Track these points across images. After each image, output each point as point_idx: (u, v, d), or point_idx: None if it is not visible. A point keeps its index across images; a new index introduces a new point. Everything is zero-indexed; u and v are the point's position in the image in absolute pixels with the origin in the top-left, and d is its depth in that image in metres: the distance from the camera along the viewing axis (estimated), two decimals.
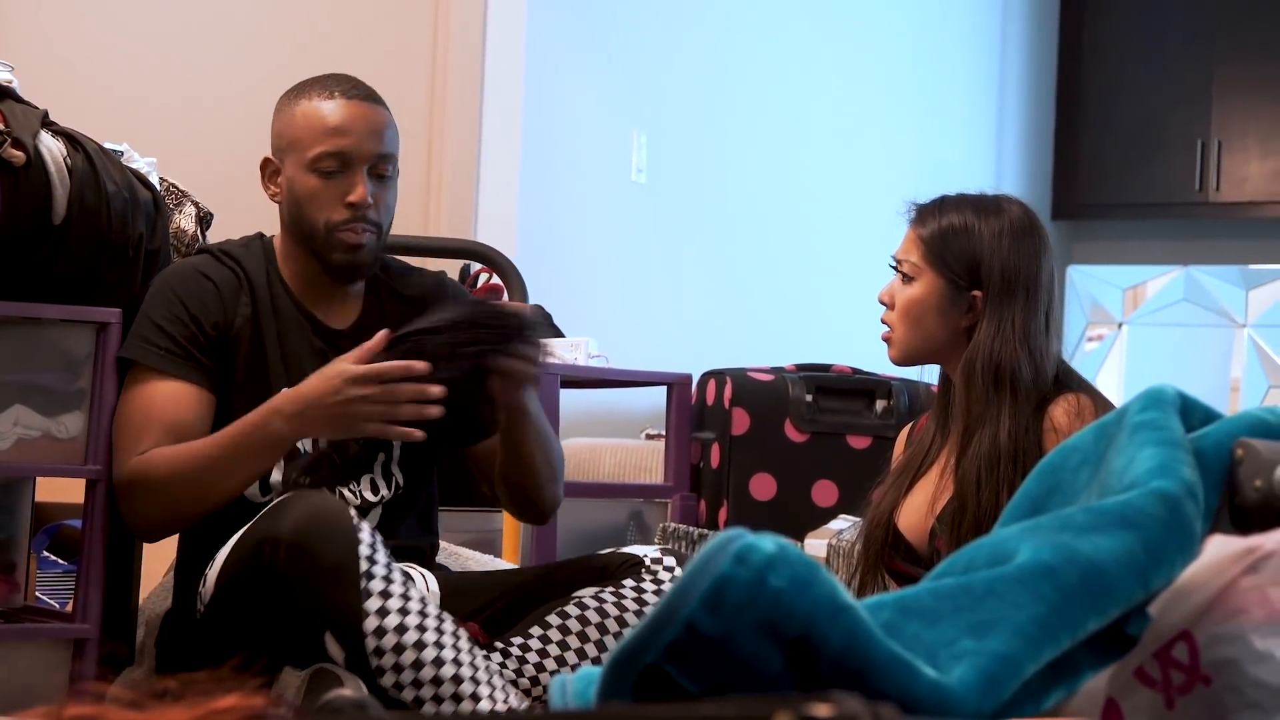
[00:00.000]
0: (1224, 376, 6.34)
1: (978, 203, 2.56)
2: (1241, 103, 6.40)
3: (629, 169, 4.54)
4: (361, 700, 1.24)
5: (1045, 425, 2.46)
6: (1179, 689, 1.28)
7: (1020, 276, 2.50)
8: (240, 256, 2.50)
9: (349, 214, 2.42)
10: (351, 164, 2.43)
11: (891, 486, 2.60)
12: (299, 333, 2.47)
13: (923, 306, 2.53)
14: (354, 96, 2.46)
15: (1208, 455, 1.42)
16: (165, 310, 2.42)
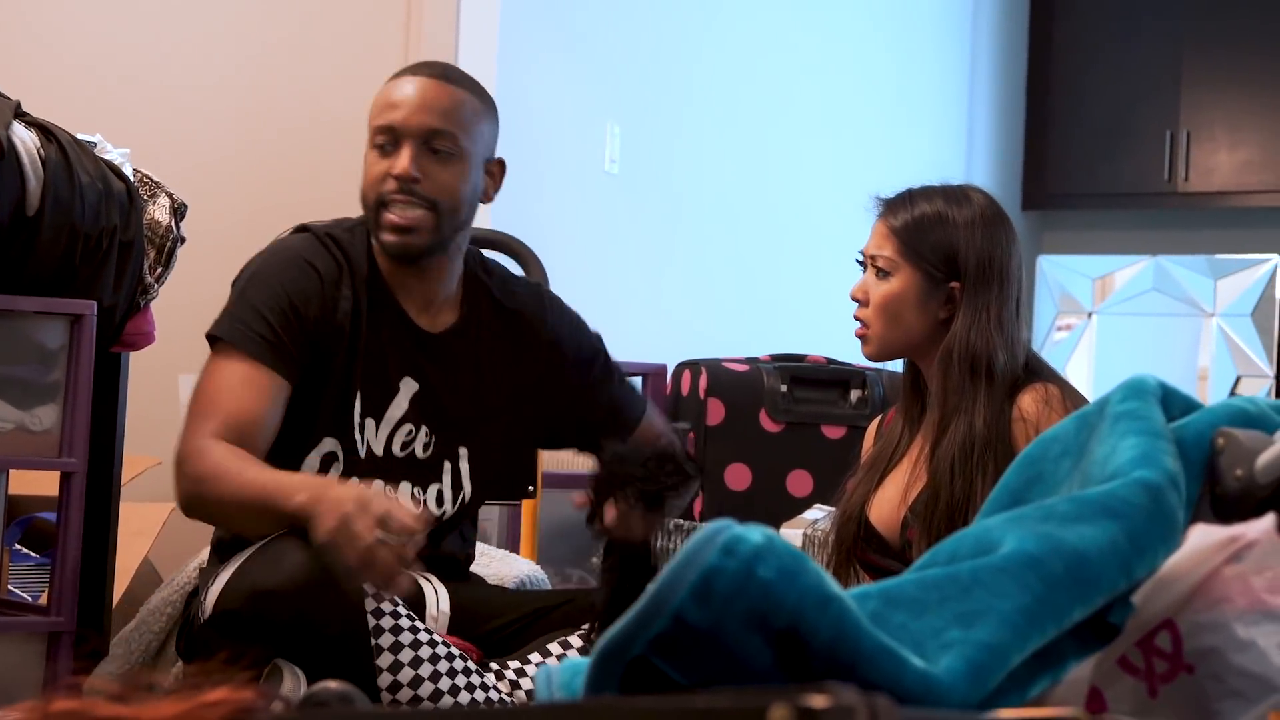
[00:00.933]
0: (1192, 366, 6.37)
1: (946, 193, 2.55)
2: (1210, 94, 6.42)
3: (602, 160, 4.54)
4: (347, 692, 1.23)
5: (1014, 414, 2.46)
6: (1162, 677, 1.28)
7: (994, 265, 2.49)
8: (345, 243, 2.40)
9: (392, 185, 2.34)
10: (400, 138, 2.36)
11: (862, 480, 2.60)
12: (390, 330, 2.39)
13: (901, 301, 2.50)
14: (423, 74, 2.40)
15: (1189, 445, 1.43)
16: (267, 297, 2.32)
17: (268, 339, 2.31)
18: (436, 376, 2.41)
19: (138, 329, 2.67)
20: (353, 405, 2.36)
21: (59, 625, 2.42)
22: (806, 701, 0.80)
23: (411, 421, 2.39)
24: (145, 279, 2.65)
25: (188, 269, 2.81)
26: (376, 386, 2.37)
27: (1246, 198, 6.43)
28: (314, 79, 3.95)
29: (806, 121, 5.31)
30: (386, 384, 2.38)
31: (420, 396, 2.40)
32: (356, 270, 2.38)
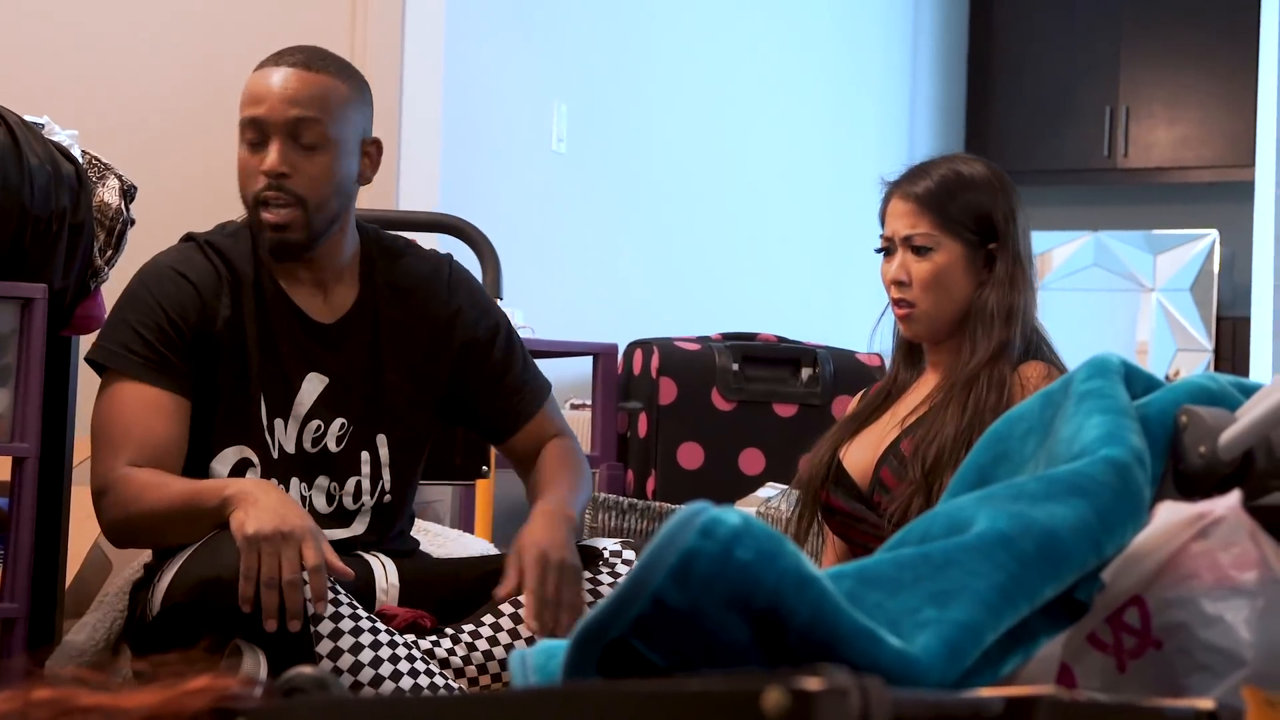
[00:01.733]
0: (1132, 340, 6.44)
1: (950, 158, 2.60)
2: (1149, 70, 6.48)
3: (549, 139, 4.53)
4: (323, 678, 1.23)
5: (1012, 381, 2.47)
6: (1130, 653, 1.30)
7: (1015, 221, 2.53)
8: (226, 249, 2.40)
9: (264, 182, 2.33)
10: (268, 132, 2.34)
11: (840, 428, 2.62)
12: (285, 328, 2.38)
13: (949, 274, 2.51)
14: (285, 64, 2.38)
15: (1152, 422, 1.44)
16: (142, 315, 2.33)
17: (152, 360, 2.32)
18: (339, 366, 2.40)
19: (88, 312, 2.65)
20: (258, 409, 2.35)
21: (12, 611, 2.40)
22: (800, 684, 0.81)
23: (320, 417, 2.38)
24: (95, 261, 2.63)
25: (138, 251, 2.78)
26: (277, 386, 2.37)
27: (1185, 173, 6.49)
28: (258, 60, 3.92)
29: (752, 100, 5.32)
30: (287, 383, 2.37)
31: (329, 390, 2.39)
32: (241, 275, 2.37)
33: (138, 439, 2.29)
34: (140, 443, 2.29)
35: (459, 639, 2.25)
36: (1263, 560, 1.27)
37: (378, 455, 2.43)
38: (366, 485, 2.42)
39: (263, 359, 2.37)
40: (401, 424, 2.44)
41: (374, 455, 2.42)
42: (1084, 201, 6.85)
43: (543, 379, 2.57)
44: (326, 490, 2.40)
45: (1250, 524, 1.29)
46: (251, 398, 2.36)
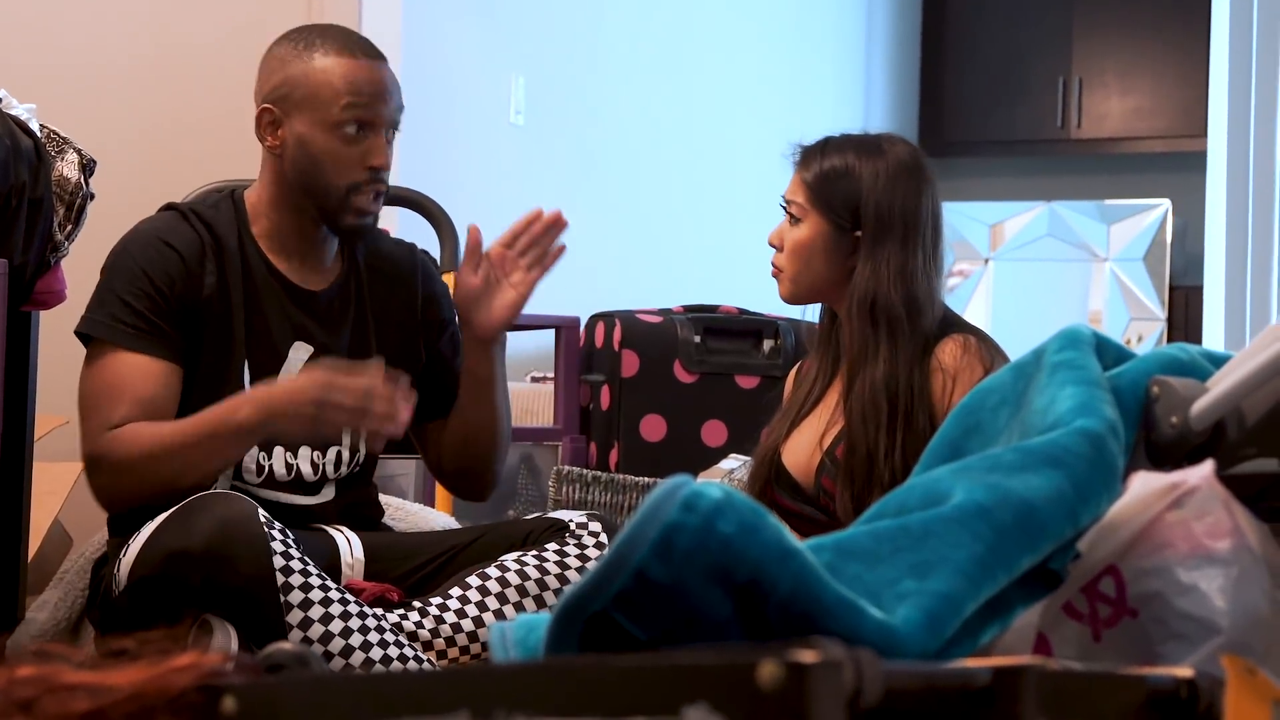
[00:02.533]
0: (1087, 310, 6.48)
1: (860, 143, 2.58)
2: (1101, 40, 6.51)
3: (507, 111, 4.52)
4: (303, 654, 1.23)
5: (932, 365, 2.50)
6: (1105, 622, 1.31)
7: (896, 214, 2.53)
8: (209, 218, 2.41)
9: (369, 176, 2.38)
10: (374, 126, 2.38)
11: (777, 424, 2.64)
12: (271, 297, 2.41)
13: (810, 248, 2.55)
14: (374, 57, 2.41)
15: (1124, 393, 1.46)
16: (129, 283, 2.35)
17: (142, 328, 2.33)
18: (325, 335, 2.43)
19: (48, 287, 2.63)
20: (243, 376, 2.37)
21: None
22: (794, 656, 0.81)
23: None
24: (55, 237, 2.60)
25: (98, 226, 2.76)
26: (264, 354, 2.39)
27: (1138, 143, 6.53)
28: (218, 31, 3.90)
29: (709, 71, 5.32)
30: (274, 351, 2.40)
31: (315, 360, 2.41)
32: (225, 243, 2.39)
33: (130, 402, 2.31)
34: (134, 403, 2.30)
35: (426, 612, 2.26)
36: (1236, 529, 1.29)
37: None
38: (346, 456, 2.46)
39: (249, 327, 2.39)
40: None
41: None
42: (1037, 172, 6.88)
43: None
44: (310, 458, 2.43)
45: (1224, 493, 1.31)
46: (237, 366, 2.37)
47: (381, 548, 2.41)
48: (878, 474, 2.45)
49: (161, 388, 2.33)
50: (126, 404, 2.30)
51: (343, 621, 2.13)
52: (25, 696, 1.01)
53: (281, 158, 2.40)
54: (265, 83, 2.42)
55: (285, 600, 2.11)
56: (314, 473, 2.42)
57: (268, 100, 2.41)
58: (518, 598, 2.29)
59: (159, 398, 2.32)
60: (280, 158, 2.40)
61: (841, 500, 2.48)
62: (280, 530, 2.15)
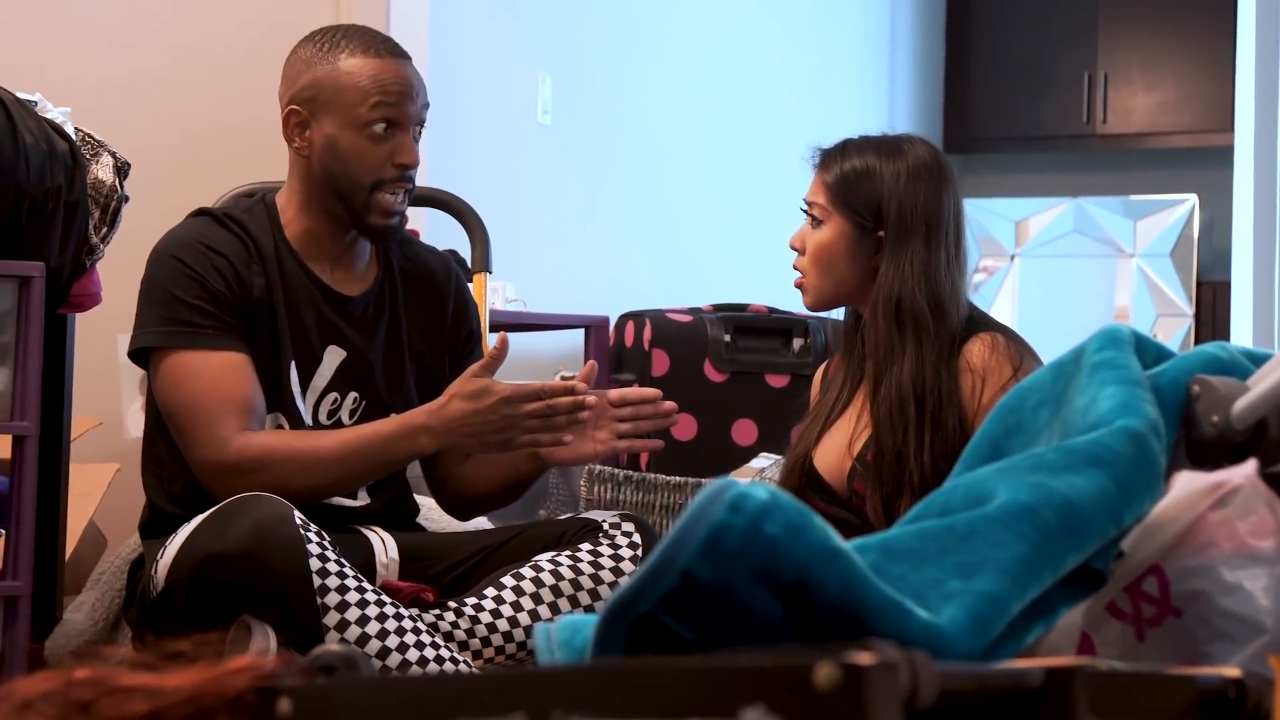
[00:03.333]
0: (1113, 306, 6.47)
1: (880, 144, 2.57)
2: (1127, 36, 6.49)
3: (535, 111, 4.53)
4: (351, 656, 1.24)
5: (960, 365, 2.49)
6: (1149, 621, 1.31)
7: (919, 214, 2.52)
8: (245, 221, 2.41)
9: (397, 174, 2.39)
10: (401, 125, 2.39)
11: (807, 429, 2.63)
12: (308, 301, 2.41)
13: (832, 250, 2.54)
14: (400, 56, 2.42)
15: (1164, 392, 1.46)
16: (187, 288, 2.33)
17: (216, 327, 2.32)
18: (360, 340, 2.44)
19: (84, 290, 2.65)
20: (289, 378, 2.38)
21: (15, 590, 2.40)
22: (851, 658, 0.82)
23: (337, 389, 2.42)
24: (91, 239, 2.63)
25: (133, 228, 2.78)
26: (305, 357, 2.40)
27: (1164, 139, 6.52)
28: (249, 35, 3.91)
29: (734, 70, 5.32)
30: (312, 354, 2.40)
31: (348, 363, 2.43)
32: (262, 247, 2.40)
33: (236, 403, 2.30)
34: (240, 406, 2.30)
35: (461, 612, 2.26)
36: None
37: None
38: None
39: (292, 329, 2.39)
40: (412, 402, 2.46)
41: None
42: (1063, 168, 6.87)
43: None
44: None
45: (1267, 492, 1.31)
46: (284, 367, 2.38)
47: (416, 548, 2.42)
48: (907, 475, 2.45)
49: (252, 382, 2.33)
50: (237, 410, 2.30)
51: (379, 623, 2.14)
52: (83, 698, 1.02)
53: (309, 159, 2.41)
54: (291, 84, 2.42)
55: (322, 602, 2.12)
56: None
57: (294, 102, 2.41)
58: (552, 598, 2.29)
59: (254, 394, 2.33)
60: (308, 159, 2.41)
61: (871, 502, 2.48)
62: (316, 532, 2.16)
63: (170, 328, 2.33)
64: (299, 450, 2.29)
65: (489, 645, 2.25)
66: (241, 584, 2.11)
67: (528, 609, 2.27)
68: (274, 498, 2.19)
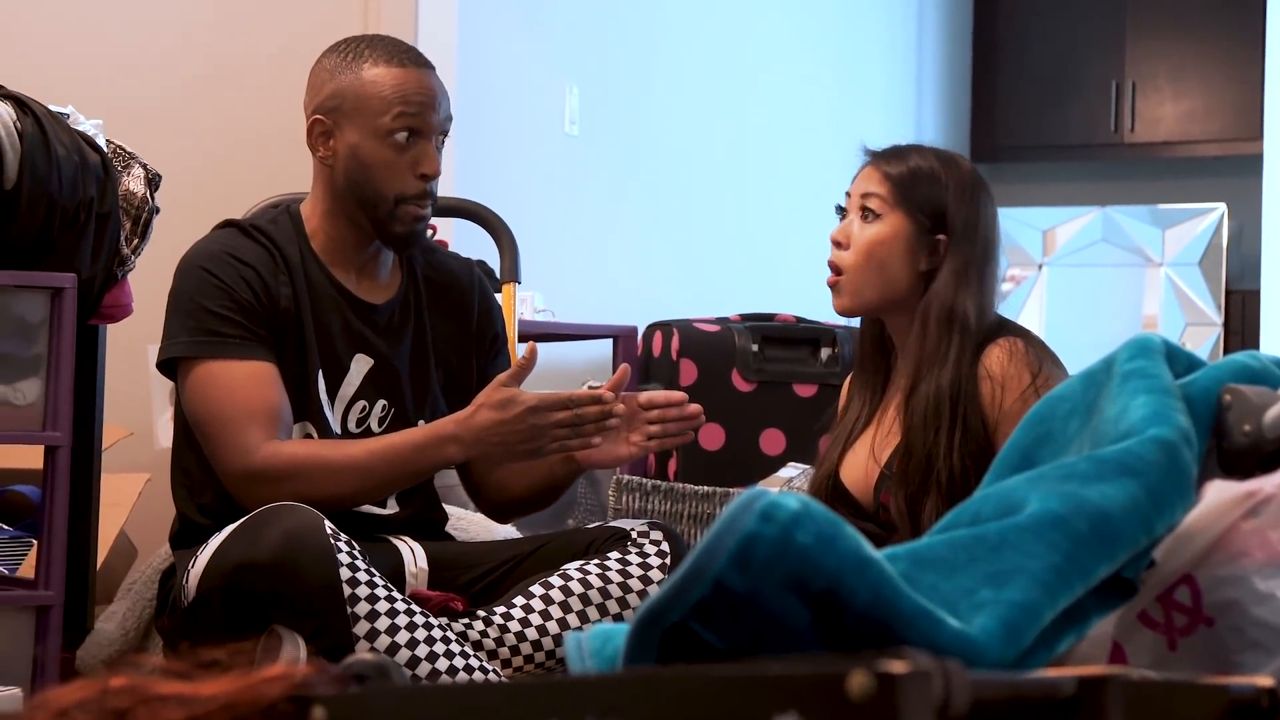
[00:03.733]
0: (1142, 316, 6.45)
1: (938, 154, 2.54)
2: (1154, 44, 6.48)
3: (562, 121, 4.54)
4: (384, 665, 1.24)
5: (980, 372, 2.47)
6: (1181, 631, 1.31)
7: (979, 230, 2.50)
8: (270, 232, 2.42)
9: (420, 185, 2.39)
10: (424, 134, 2.39)
11: (830, 448, 2.61)
12: (334, 309, 2.41)
13: (888, 247, 2.47)
14: (423, 65, 2.42)
15: (1195, 401, 1.46)
16: (215, 298, 2.34)
17: (244, 336, 2.33)
18: (386, 348, 2.44)
19: (115, 301, 2.67)
20: (316, 387, 2.39)
21: (48, 599, 2.42)
22: (885, 667, 0.82)
23: (365, 398, 2.43)
24: (122, 250, 2.64)
25: (163, 239, 2.80)
26: (332, 366, 2.40)
27: (1192, 147, 6.50)
28: (277, 47, 3.93)
29: (760, 81, 5.32)
30: (339, 363, 2.41)
31: (375, 371, 2.43)
32: (288, 257, 2.40)
33: (263, 412, 2.30)
34: (267, 415, 2.30)
35: (490, 621, 2.27)
36: None
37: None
38: None
39: (319, 339, 2.40)
40: (439, 409, 2.46)
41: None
42: (1091, 177, 6.86)
43: None
44: None
45: None
46: (311, 376, 2.38)
47: (445, 557, 2.42)
48: (935, 475, 2.44)
49: (278, 391, 2.33)
50: (264, 419, 2.30)
51: (409, 632, 2.15)
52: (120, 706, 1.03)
53: (333, 168, 2.41)
54: (315, 94, 2.43)
55: (352, 611, 2.12)
56: None
57: (319, 111, 2.42)
58: (581, 606, 2.29)
59: (281, 403, 2.33)
60: (332, 168, 2.41)
61: (895, 502, 2.47)
62: (346, 541, 2.16)
63: (197, 337, 2.33)
64: (327, 459, 2.30)
65: (518, 654, 2.25)
66: (272, 594, 2.12)
67: (556, 618, 2.28)
68: (304, 507, 2.20)
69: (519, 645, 2.25)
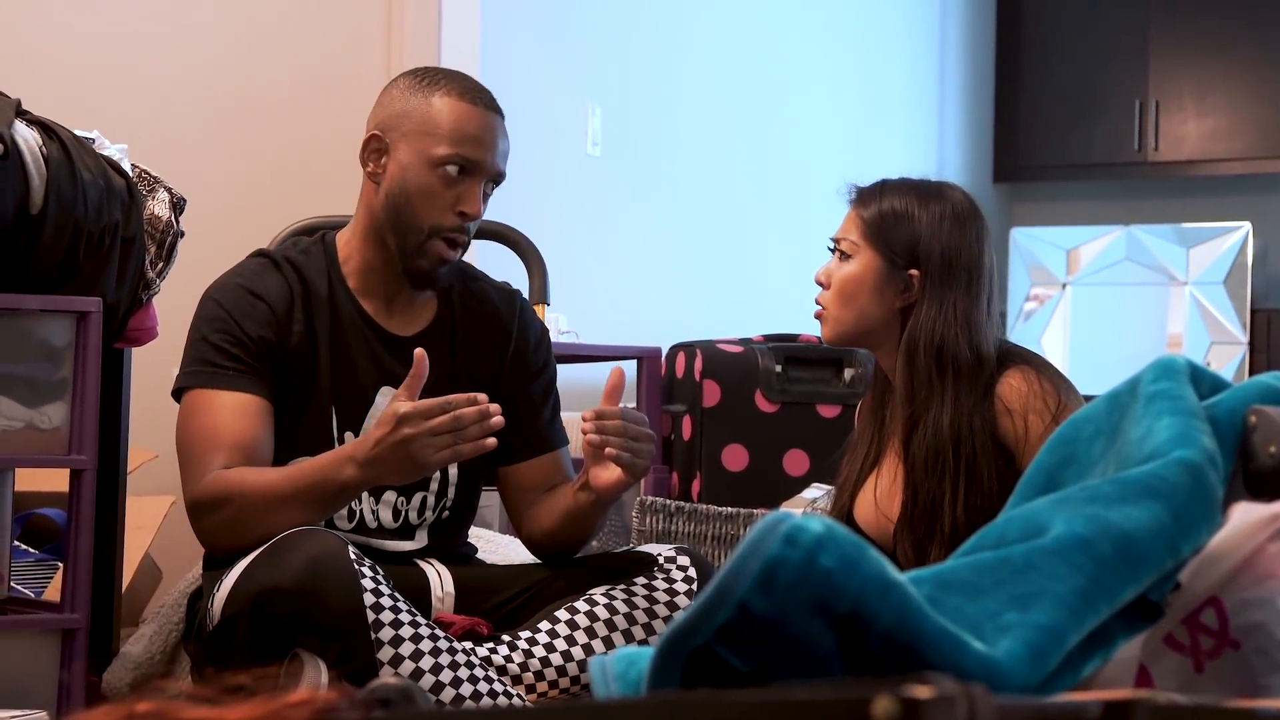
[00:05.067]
0: (1166, 335, 6.43)
1: (919, 188, 2.54)
2: (1177, 63, 6.46)
3: (584, 142, 4.55)
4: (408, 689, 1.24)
5: (997, 408, 2.45)
6: (1208, 654, 1.30)
7: (961, 259, 2.48)
8: (300, 264, 2.42)
9: (456, 221, 2.37)
10: (474, 174, 2.38)
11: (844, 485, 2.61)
12: (360, 343, 2.41)
13: (858, 284, 2.51)
14: (493, 109, 2.42)
15: (1221, 423, 1.45)
16: (217, 330, 2.35)
17: (235, 369, 2.33)
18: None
19: (140, 324, 2.67)
20: (330, 422, 2.38)
21: (73, 622, 2.42)
22: (910, 692, 0.82)
23: None
24: (147, 274, 2.65)
25: (188, 263, 2.81)
26: (351, 400, 2.39)
27: (1216, 165, 6.48)
28: (302, 66, 3.95)
29: (783, 101, 5.33)
30: (361, 396, 2.40)
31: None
32: (314, 289, 2.40)
33: (229, 446, 2.29)
34: (230, 445, 2.29)
35: (516, 645, 2.26)
36: None
37: (446, 472, 2.46)
38: (431, 501, 2.45)
39: (335, 373, 2.39)
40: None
41: (443, 472, 2.45)
42: (1115, 195, 6.84)
43: (563, 434, 2.60)
44: (393, 505, 2.42)
45: None
46: (324, 411, 2.38)
47: (471, 581, 2.41)
48: (940, 525, 2.42)
49: (258, 426, 2.32)
50: (225, 448, 2.29)
51: (433, 658, 2.14)
52: None
53: (378, 186, 2.40)
54: (382, 110, 2.43)
55: (376, 637, 2.12)
56: (394, 519, 2.42)
57: (379, 127, 2.41)
58: (606, 631, 2.29)
59: (257, 437, 2.31)
60: (377, 186, 2.41)
61: (902, 547, 2.46)
62: (370, 566, 2.16)
63: (193, 368, 2.35)
64: (250, 485, 2.25)
65: (543, 679, 2.25)
66: (296, 618, 2.11)
67: (582, 643, 2.27)
68: (328, 532, 2.20)
69: (544, 670, 2.25)
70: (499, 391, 2.50)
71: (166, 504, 3.22)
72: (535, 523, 2.49)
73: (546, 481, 2.52)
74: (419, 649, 2.13)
